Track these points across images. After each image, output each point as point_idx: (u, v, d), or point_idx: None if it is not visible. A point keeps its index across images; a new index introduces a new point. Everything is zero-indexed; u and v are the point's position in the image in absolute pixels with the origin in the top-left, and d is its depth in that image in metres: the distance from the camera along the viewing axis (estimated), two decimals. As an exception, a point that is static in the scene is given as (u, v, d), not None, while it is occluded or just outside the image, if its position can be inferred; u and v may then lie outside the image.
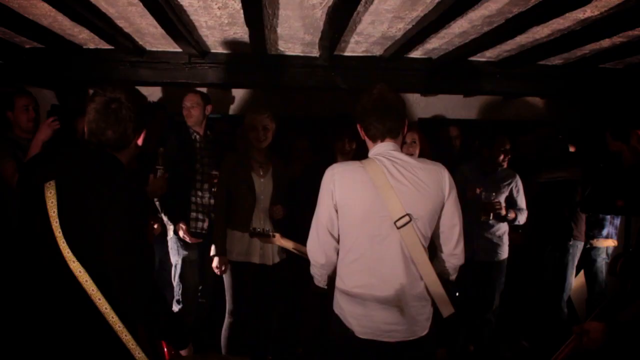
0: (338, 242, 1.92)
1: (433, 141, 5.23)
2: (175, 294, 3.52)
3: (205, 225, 3.42)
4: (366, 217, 1.82)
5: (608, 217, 3.78)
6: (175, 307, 3.50)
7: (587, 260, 3.80)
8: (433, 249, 1.95)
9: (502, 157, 3.40)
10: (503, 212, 3.34)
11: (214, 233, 3.15)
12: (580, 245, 3.72)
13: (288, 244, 2.81)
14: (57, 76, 3.39)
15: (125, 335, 1.56)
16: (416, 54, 3.48)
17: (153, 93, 4.34)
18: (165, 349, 1.86)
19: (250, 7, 2.29)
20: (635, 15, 2.38)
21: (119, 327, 1.54)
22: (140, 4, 2.26)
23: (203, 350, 3.59)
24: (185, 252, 3.42)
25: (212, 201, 3.43)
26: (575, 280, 4.22)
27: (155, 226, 3.42)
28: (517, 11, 2.46)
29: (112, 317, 1.53)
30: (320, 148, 3.87)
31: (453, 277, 2.00)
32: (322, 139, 3.82)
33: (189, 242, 3.37)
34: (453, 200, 1.88)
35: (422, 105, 5.13)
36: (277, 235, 2.84)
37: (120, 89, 1.61)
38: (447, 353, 3.57)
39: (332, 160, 3.32)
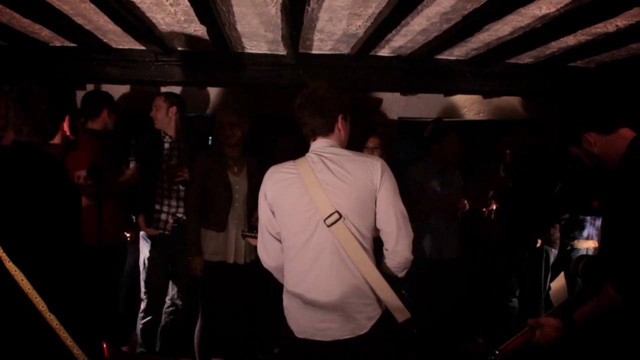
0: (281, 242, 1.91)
1: (413, 141, 5.27)
2: (141, 292, 3.52)
3: (169, 225, 3.41)
4: (295, 215, 1.81)
5: (588, 218, 3.74)
6: (142, 305, 3.50)
7: (568, 262, 3.76)
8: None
9: (453, 153, 3.39)
10: (467, 208, 3.38)
11: (188, 233, 3.14)
12: (553, 252, 3.69)
13: None
14: (22, 75, 3.37)
15: (63, 333, 1.55)
16: (385, 52, 3.46)
17: (127, 91, 4.35)
18: (105, 346, 1.84)
19: (200, 4, 2.28)
20: (589, 11, 2.35)
21: (56, 324, 1.53)
22: (89, 1, 2.25)
23: (176, 353, 3.61)
24: (151, 251, 3.42)
25: (179, 202, 3.42)
26: (556, 282, 4.18)
27: (129, 235, 3.43)
28: (472, 7, 2.43)
29: (50, 316, 1.52)
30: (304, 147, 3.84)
31: (400, 274, 1.96)
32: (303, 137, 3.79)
33: (149, 234, 3.38)
34: (387, 191, 1.81)
35: (402, 105, 5.10)
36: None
37: (30, 80, 1.59)
38: (417, 358, 3.55)
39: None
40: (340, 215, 1.75)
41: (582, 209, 3.66)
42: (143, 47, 3.27)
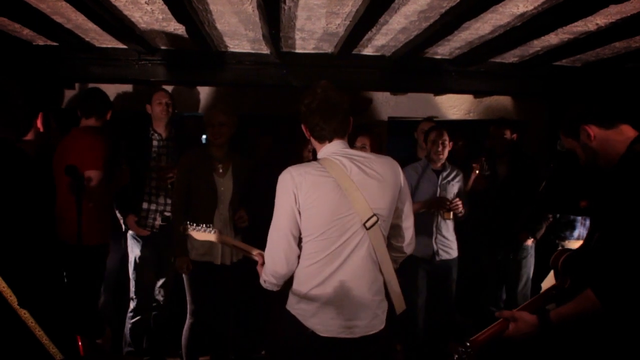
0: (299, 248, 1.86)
1: (404, 141, 5.26)
2: (130, 291, 3.51)
3: (157, 223, 3.40)
4: (333, 219, 1.77)
5: (579, 218, 3.71)
6: (131, 304, 3.49)
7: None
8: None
9: (441, 150, 3.36)
10: (461, 209, 3.32)
11: (174, 233, 3.13)
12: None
13: (229, 241, 2.74)
14: (4, 74, 3.38)
15: (39, 331, 1.55)
16: (368, 51, 3.45)
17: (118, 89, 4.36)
18: (80, 340, 1.84)
19: (174, 2, 2.27)
20: (566, 9, 2.34)
21: (32, 322, 1.54)
22: (63, -2, 2.26)
23: (165, 352, 3.61)
24: (140, 249, 3.41)
25: (167, 200, 3.42)
26: (546, 281, 4.17)
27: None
28: (448, 6, 2.43)
29: (25, 314, 1.52)
30: (286, 146, 3.84)
31: (396, 267, 2.01)
32: (288, 137, 3.79)
33: (139, 234, 3.36)
34: (406, 190, 1.91)
35: (391, 104, 5.09)
36: (217, 231, 2.80)
37: (4, 78, 1.60)
38: (403, 348, 3.54)
39: (298, 158, 3.32)
40: (378, 218, 1.79)
41: (569, 209, 3.64)
42: (125, 46, 3.26)
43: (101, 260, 3.29)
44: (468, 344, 1.71)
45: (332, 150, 1.85)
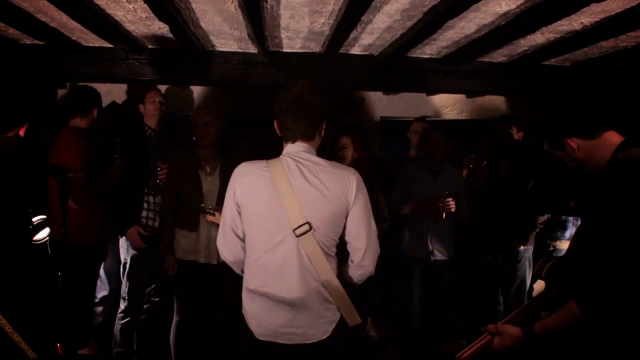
0: (244, 240, 1.87)
1: (397, 141, 5.24)
2: (122, 291, 3.49)
3: (156, 223, 3.39)
4: (265, 218, 1.77)
5: (571, 218, 3.67)
6: (122, 305, 3.48)
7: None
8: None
9: (440, 152, 3.34)
10: (453, 207, 3.25)
11: (162, 232, 3.14)
12: (529, 250, 3.64)
13: None
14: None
15: (17, 337, 1.55)
16: (356, 50, 3.44)
17: (112, 89, 4.37)
18: (60, 349, 1.84)
19: (154, 0, 2.27)
20: (548, 8, 2.33)
21: (9, 329, 1.54)
22: (44, -4, 2.25)
23: (155, 352, 3.60)
24: (135, 251, 3.40)
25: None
26: (538, 283, 4.15)
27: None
28: (430, 4, 2.42)
29: (1, 320, 1.53)
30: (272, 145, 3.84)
31: (357, 283, 1.93)
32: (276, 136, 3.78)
33: (137, 246, 3.31)
34: (360, 208, 1.79)
35: (384, 104, 5.10)
36: (217, 214, 2.81)
37: None
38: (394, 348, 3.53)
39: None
40: (311, 227, 1.72)
41: (558, 209, 3.61)
42: (112, 45, 3.26)
43: (93, 261, 3.27)
44: None
45: (289, 150, 1.83)
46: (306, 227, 1.72)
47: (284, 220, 1.74)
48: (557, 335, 1.59)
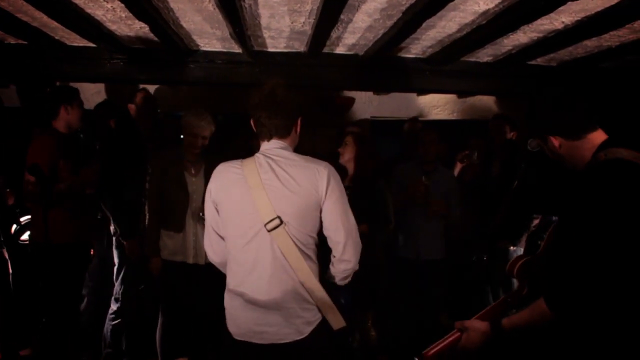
0: None
1: (387, 141, 5.23)
2: (114, 292, 3.48)
3: None
4: (237, 217, 1.78)
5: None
6: (114, 306, 3.47)
7: None
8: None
9: (433, 152, 3.32)
10: (444, 210, 3.29)
11: (147, 233, 3.12)
12: (518, 251, 3.61)
13: None
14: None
15: None
16: (340, 49, 3.43)
17: (101, 90, 4.37)
18: None
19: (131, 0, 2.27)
20: (526, 6, 2.32)
21: None
22: (20, -4, 2.25)
23: (144, 353, 3.59)
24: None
25: None
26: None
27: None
28: (407, 3, 2.41)
29: None
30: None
31: (341, 282, 1.92)
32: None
33: (135, 257, 3.29)
34: (333, 201, 1.78)
35: (374, 104, 5.08)
36: None
37: None
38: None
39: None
40: (282, 221, 1.72)
41: (542, 209, 3.59)
42: (95, 45, 3.26)
43: (73, 260, 3.25)
44: (416, 358, 1.64)
45: (264, 148, 1.85)
46: (277, 221, 1.72)
47: (256, 216, 1.74)
48: (526, 331, 1.58)
